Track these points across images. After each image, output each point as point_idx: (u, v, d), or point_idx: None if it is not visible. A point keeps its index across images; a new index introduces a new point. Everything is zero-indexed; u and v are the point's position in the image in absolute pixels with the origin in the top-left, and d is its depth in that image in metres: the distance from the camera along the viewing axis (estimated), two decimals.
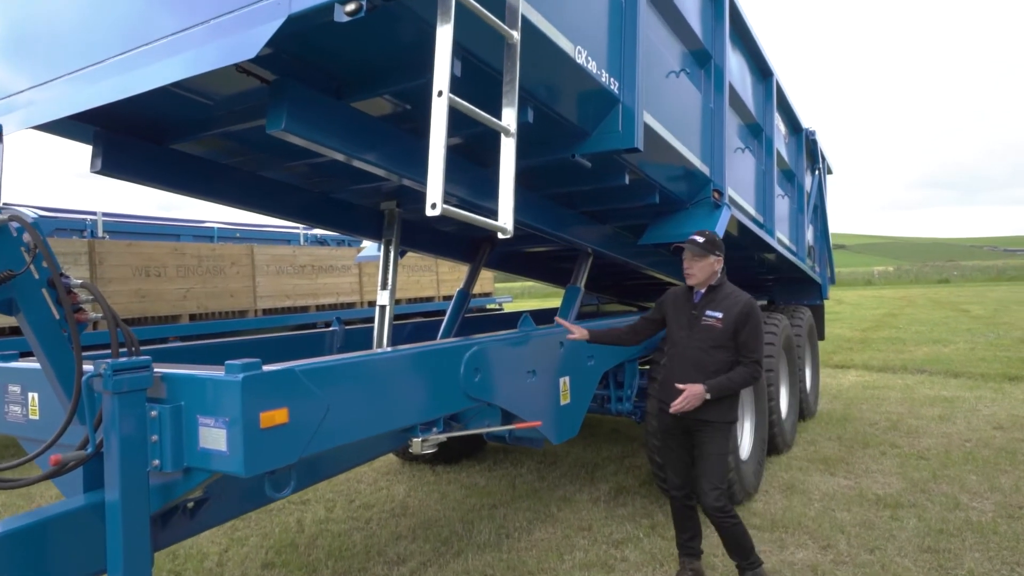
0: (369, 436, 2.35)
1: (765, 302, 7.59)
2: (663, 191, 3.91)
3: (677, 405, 3.04)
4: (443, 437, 2.67)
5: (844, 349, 11.54)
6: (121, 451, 1.94)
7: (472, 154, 3.21)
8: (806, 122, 6.73)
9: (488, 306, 11.76)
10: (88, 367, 2.06)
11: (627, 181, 3.51)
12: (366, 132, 2.60)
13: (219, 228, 11.42)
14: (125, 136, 2.96)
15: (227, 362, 1.93)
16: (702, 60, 4.10)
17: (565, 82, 2.69)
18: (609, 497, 4.55)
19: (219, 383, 1.93)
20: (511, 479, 5.03)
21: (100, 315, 2.12)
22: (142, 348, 3.24)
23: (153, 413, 1.99)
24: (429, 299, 10.67)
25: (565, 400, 3.53)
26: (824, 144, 7.46)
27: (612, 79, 2.88)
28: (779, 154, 5.78)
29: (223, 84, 2.54)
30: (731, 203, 4.32)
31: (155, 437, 1.99)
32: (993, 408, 6.83)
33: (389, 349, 2.51)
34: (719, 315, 3.16)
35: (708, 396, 3.04)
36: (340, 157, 2.54)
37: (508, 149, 2.02)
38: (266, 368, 1.99)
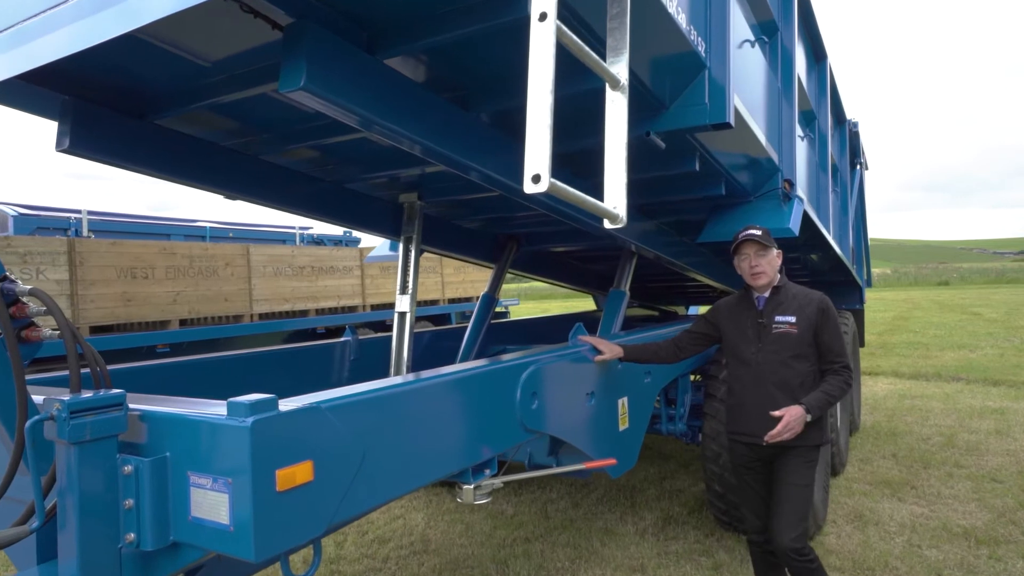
0: (414, 489, 1.81)
1: None
2: (729, 181, 3.39)
3: (777, 434, 2.49)
4: (499, 482, 2.14)
5: (867, 355, 11.06)
6: (82, 522, 1.40)
7: (512, 127, 2.65)
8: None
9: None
10: (39, 399, 1.52)
11: (697, 167, 2.98)
12: (405, 98, 2.05)
13: (211, 228, 10.83)
14: (99, 108, 2.41)
15: (230, 400, 1.38)
16: (770, 33, 3.58)
17: (650, 37, 2.15)
18: (657, 529, 4.01)
19: (219, 428, 1.38)
20: (542, 506, 4.49)
21: (56, 330, 1.57)
22: (120, 364, 2.69)
23: (127, 468, 1.45)
24: (434, 302, 10.12)
25: (624, 425, 3.00)
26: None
27: (700, 39, 2.35)
28: (830, 145, 5.28)
29: (222, 36, 1.99)
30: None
31: (129, 502, 1.44)
32: None
33: (436, 373, 1.97)
34: (792, 319, 2.69)
35: (809, 417, 2.54)
36: (370, 128, 2.00)
37: (618, 108, 1.48)
38: (283, 406, 1.45)
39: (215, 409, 1.46)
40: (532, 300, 33.03)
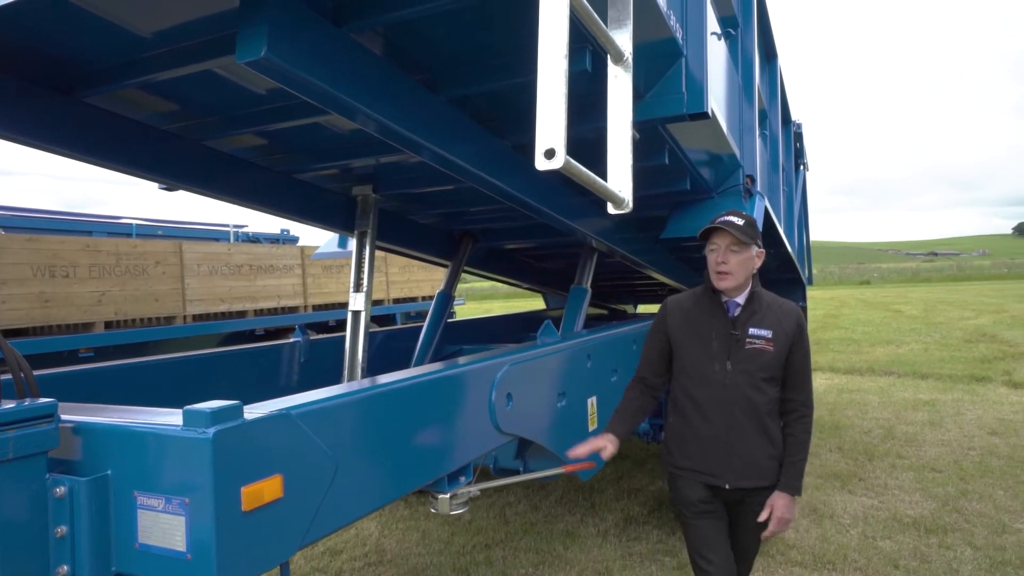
0: (389, 502, 1.65)
1: None
2: (695, 176, 3.35)
3: (777, 532, 2.17)
4: (476, 490, 2.00)
5: None
6: (3, 555, 1.19)
7: (481, 114, 2.52)
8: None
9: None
10: None
11: (666, 161, 2.93)
12: (371, 74, 1.89)
13: (137, 225, 10.23)
14: (18, 80, 2.14)
15: (187, 408, 1.20)
16: (731, 27, 3.58)
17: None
18: (619, 530, 3.95)
19: (175, 441, 1.20)
20: (499, 510, 4.36)
21: None
22: (45, 370, 2.40)
23: (59, 490, 1.24)
24: (378, 302, 9.82)
25: (593, 425, 2.91)
26: None
27: (677, 25, 2.28)
28: (779, 145, 5.38)
29: (164, 3, 1.78)
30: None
31: (62, 529, 1.24)
32: (976, 412, 6.67)
33: (411, 374, 1.82)
34: (768, 333, 2.18)
35: (797, 498, 2.20)
36: (332, 105, 1.82)
37: (622, 85, 1.38)
38: (249, 413, 1.27)
39: (166, 419, 1.27)
40: (473, 300, 32.84)
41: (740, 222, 2.23)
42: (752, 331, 2.20)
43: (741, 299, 2.24)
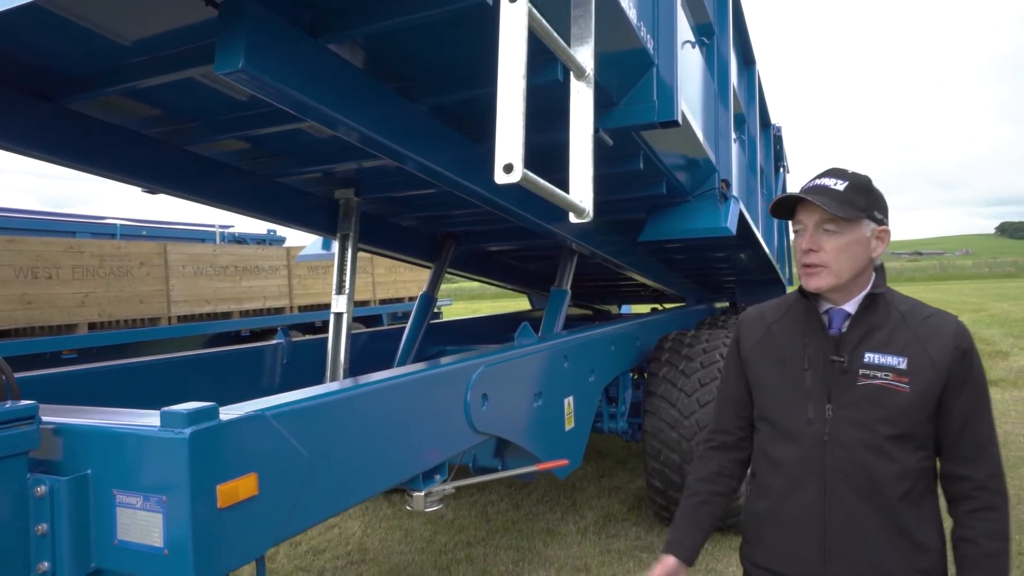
0: (364, 499, 1.71)
1: (727, 304, 7.31)
2: (670, 180, 3.42)
3: None
4: (451, 488, 2.06)
5: None
6: None
7: (459, 121, 2.58)
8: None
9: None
10: None
11: (641, 166, 3.00)
12: (348, 85, 1.94)
13: (122, 225, 10.18)
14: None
15: (165, 409, 1.25)
16: (707, 35, 3.66)
17: (601, 32, 2.10)
18: (598, 527, 4.02)
19: (152, 441, 1.25)
20: (481, 508, 4.42)
21: None
22: (25, 372, 2.43)
23: (40, 489, 1.29)
24: (364, 303, 9.85)
25: (569, 425, 2.97)
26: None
27: (648, 36, 2.35)
28: (758, 148, 5.48)
29: (144, 13, 1.82)
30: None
31: (43, 527, 1.28)
32: None
33: (385, 375, 1.87)
34: (898, 362, 1.35)
35: None
36: (309, 115, 1.88)
37: (583, 99, 1.44)
38: (224, 414, 1.32)
39: (145, 419, 1.32)
40: (462, 300, 32.88)
41: (839, 186, 1.38)
42: (870, 357, 1.38)
43: (851, 306, 1.42)
